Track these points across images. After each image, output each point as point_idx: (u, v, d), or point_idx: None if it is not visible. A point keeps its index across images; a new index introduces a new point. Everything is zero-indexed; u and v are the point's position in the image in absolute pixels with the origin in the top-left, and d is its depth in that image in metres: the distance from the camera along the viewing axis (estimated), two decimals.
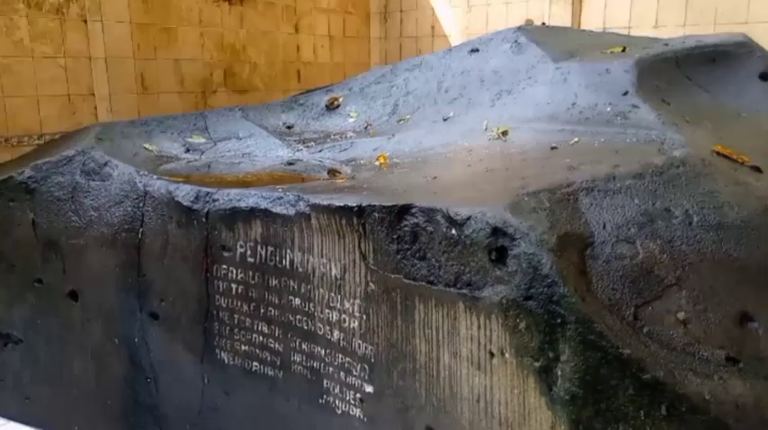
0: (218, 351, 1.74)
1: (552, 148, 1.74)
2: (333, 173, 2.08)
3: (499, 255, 1.11)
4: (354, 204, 1.34)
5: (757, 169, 1.43)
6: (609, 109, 1.87)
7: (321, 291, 1.48)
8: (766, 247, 1.18)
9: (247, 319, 1.67)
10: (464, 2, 4.51)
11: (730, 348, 1.05)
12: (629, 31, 3.88)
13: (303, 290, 1.52)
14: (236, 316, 1.69)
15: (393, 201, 1.31)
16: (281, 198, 1.56)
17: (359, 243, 1.37)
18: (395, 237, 1.30)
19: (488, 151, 1.86)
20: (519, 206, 1.16)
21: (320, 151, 2.49)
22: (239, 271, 1.65)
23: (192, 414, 1.85)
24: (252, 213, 1.60)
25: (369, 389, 1.42)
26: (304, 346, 1.55)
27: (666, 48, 2.19)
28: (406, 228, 1.28)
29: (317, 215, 1.44)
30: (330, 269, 1.45)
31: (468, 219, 1.15)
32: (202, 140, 2.63)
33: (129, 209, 1.89)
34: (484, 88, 2.47)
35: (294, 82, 4.56)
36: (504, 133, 2.02)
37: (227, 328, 1.72)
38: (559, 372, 1.03)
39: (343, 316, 1.44)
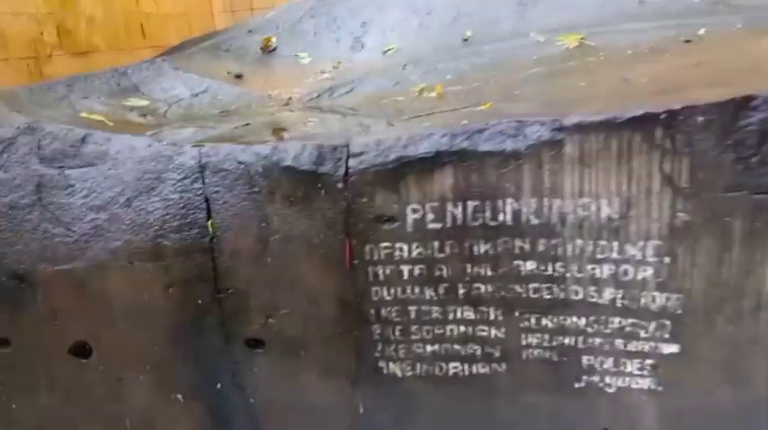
0: (382, 363, 1.24)
1: (686, 42, 1.55)
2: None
3: None
4: (661, 110, 0.99)
5: None
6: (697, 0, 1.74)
7: (579, 242, 1.10)
8: None
9: (434, 309, 1.20)
10: None
11: None
12: None
13: (543, 248, 1.12)
14: (411, 308, 1.21)
15: (704, 98, 0.99)
16: (488, 129, 1.11)
17: (661, 163, 1.03)
18: (729, 143, 0.99)
19: (603, 57, 1.59)
20: None
21: (317, 96, 1.97)
22: (414, 245, 1.17)
23: None
24: (435, 161, 1.13)
25: (670, 349, 1.11)
26: (545, 322, 1.16)
27: None
28: (749, 128, 0.98)
29: (581, 140, 1.05)
30: (598, 209, 1.08)
31: None
32: (146, 103, 1.91)
33: (175, 195, 1.24)
34: (490, 3, 2.18)
35: (139, 38, 3.66)
36: (583, 39, 1.78)
37: (398, 329, 1.22)
38: None
39: (624, 267, 1.09)
